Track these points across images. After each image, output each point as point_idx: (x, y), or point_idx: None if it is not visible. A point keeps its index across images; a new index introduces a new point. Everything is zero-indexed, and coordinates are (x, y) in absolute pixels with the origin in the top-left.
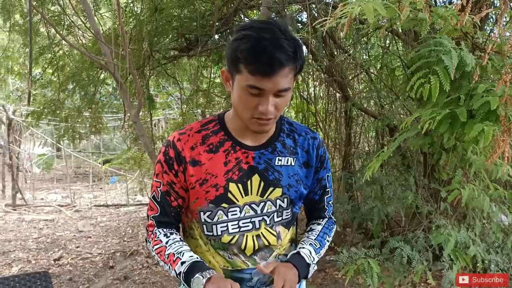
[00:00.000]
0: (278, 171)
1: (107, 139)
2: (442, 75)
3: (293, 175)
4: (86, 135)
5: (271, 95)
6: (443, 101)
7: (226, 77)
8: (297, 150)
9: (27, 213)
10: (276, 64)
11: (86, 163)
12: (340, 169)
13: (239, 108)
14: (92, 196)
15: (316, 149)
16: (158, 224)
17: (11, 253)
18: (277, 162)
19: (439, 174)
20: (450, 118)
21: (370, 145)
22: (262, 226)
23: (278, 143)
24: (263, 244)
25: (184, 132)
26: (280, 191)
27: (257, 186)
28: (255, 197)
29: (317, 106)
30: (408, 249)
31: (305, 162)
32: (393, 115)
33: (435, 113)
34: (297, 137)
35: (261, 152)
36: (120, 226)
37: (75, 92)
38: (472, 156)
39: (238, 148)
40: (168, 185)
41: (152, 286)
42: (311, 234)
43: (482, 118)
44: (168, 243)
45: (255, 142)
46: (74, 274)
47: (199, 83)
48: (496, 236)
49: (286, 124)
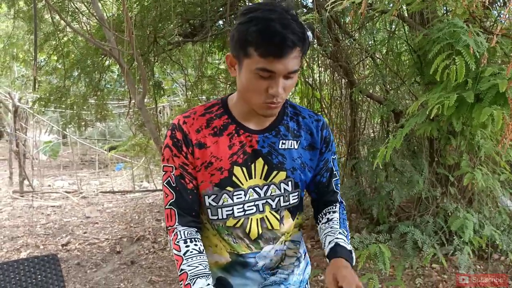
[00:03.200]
0: (282, 155)
1: (113, 126)
2: (466, 54)
3: (297, 158)
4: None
5: (281, 77)
6: (451, 85)
7: (231, 62)
8: (300, 133)
9: (35, 200)
10: (288, 45)
11: (92, 150)
12: (345, 155)
13: (248, 93)
14: (99, 183)
15: (320, 130)
16: (179, 218)
17: (20, 238)
18: (281, 146)
19: (445, 159)
20: (457, 102)
21: (375, 131)
22: (267, 210)
23: (281, 127)
24: (266, 227)
25: (189, 115)
26: (284, 174)
27: (260, 169)
28: (259, 181)
29: (322, 92)
30: (419, 234)
31: (309, 145)
32: (399, 101)
33: (443, 98)
34: (301, 119)
35: (265, 136)
36: (127, 212)
37: (80, 79)
38: (480, 140)
39: (242, 131)
40: (181, 168)
41: (159, 271)
42: (333, 223)
43: (490, 102)
44: (186, 255)
45: (258, 126)
46: (82, 259)
47: (204, 70)
48: (502, 218)
49: (290, 107)
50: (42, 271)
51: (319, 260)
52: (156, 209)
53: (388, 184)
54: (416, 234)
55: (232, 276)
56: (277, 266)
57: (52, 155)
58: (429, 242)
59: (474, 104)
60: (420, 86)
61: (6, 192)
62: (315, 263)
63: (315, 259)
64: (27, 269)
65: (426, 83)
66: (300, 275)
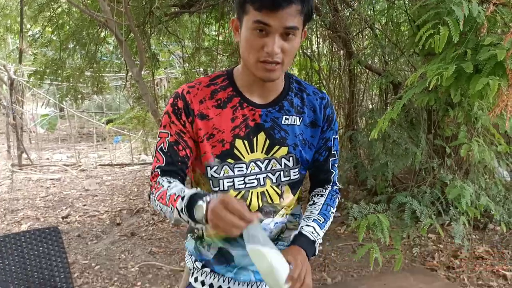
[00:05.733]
0: (285, 130)
1: (110, 98)
2: (452, 25)
3: (299, 134)
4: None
5: (277, 35)
6: (450, 56)
7: (236, 26)
8: (304, 109)
9: (34, 173)
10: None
11: (89, 123)
12: (343, 127)
13: (245, 52)
14: (97, 156)
15: (324, 108)
16: (162, 173)
17: (20, 211)
18: (284, 121)
19: (443, 131)
20: (455, 73)
21: (374, 102)
22: (268, 184)
23: (285, 102)
24: (266, 201)
25: (193, 85)
26: (285, 150)
27: (262, 143)
28: (260, 155)
29: (320, 64)
30: (416, 204)
31: (311, 122)
32: (398, 72)
33: (441, 69)
34: (305, 96)
35: (268, 110)
36: (126, 185)
37: (76, 51)
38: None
39: (245, 105)
40: (177, 135)
41: (159, 242)
42: (314, 208)
43: (488, 73)
44: (170, 187)
45: (262, 100)
46: (82, 231)
47: (201, 41)
48: (498, 189)
49: (295, 83)
50: (44, 243)
51: None
52: None
53: (385, 156)
54: (414, 205)
55: (232, 247)
56: (277, 238)
57: (50, 128)
58: (426, 213)
59: (473, 75)
60: (420, 57)
61: (4, 166)
62: None
63: None
64: (29, 241)
65: (425, 54)
66: None
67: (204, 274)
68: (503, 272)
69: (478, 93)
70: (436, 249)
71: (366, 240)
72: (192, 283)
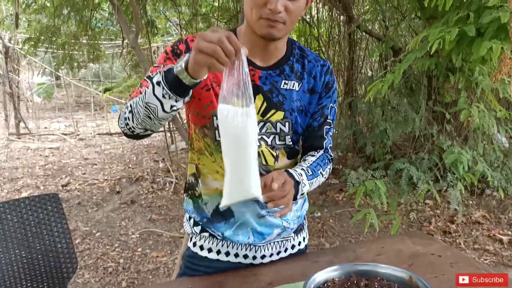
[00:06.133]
0: (283, 95)
1: (107, 67)
2: None
3: (296, 100)
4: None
5: None
6: (453, 19)
7: None
8: (304, 75)
9: (32, 142)
10: None
11: (86, 92)
12: (343, 94)
13: (248, 9)
14: (95, 125)
15: (324, 75)
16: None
17: (19, 179)
18: (283, 85)
19: (443, 97)
20: (458, 36)
21: (374, 69)
22: (263, 145)
23: (286, 66)
24: (261, 162)
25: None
26: (282, 114)
27: (259, 106)
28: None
29: (320, 30)
30: (414, 170)
31: (310, 89)
32: (398, 37)
33: (444, 32)
34: (306, 63)
35: (268, 73)
36: (124, 154)
37: (70, 18)
38: (478, 77)
39: None
40: None
41: (158, 209)
42: (304, 162)
43: (491, 36)
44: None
45: (263, 62)
46: (83, 199)
47: (198, 7)
48: (496, 155)
49: (297, 49)
50: (44, 209)
51: (315, 198)
52: (154, 150)
53: (384, 123)
54: (412, 171)
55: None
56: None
57: (46, 97)
58: (423, 178)
59: (475, 38)
60: (421, 21)
61: (2, 135)
62: (311, 201)
63: (311, 197)
64: (29, 207)
65: (427, 17)
66: (297, 211)
67: (203, 239)
68: (499, 236)
69: (480, 57)
70: (432, 214)
71: (363, 206)
72: (191, 248)
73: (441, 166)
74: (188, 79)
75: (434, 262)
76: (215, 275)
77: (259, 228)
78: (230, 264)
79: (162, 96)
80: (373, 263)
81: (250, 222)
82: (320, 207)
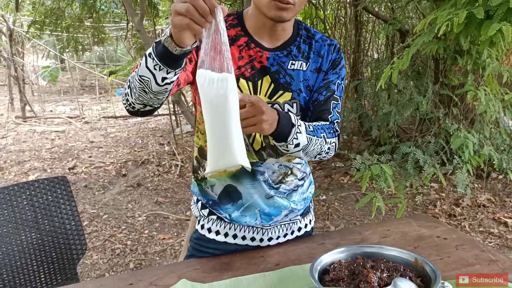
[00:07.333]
0: (290, 75)
1: (111, 50)
2: None
3: (303, 80)
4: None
5: None
6: (461, 1)
7: None
8: (310, 55)
9: (38, 125)
10: None
11: (91, 75)
12: (349, 77)
13: None
14: (100, 108)
15: (331, 53)
16: None
17: (26, 162)
18: (290, 66)
19: (450, 80)
20: (466, 19)
21: (380, 52)
22: None
23: (293, 47)
24: (268, 142)
25: None
26: (289, 95)
27: (266, 87)
28: (263, 98)
29: (326, 12)
30: (420, 153)
31: (317, 68)
32: (405, 20)
33: (452, 14)
34: (313, 43)
35: (276, 54)
36: (130, 137)
37: (75, 0)
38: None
39: (253, 45)
40: None
41: (164, 192)
42: (306, 123)
43: (500, 19)
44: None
45: (270, 43)
46: (89, 182)
47: None
48: (503, 138)
49: (304, 30)
50: (53, 192)
51: (320, 181)
52: (159, 134)
53: (390, 106)
54: (418, 154)
55: (240, 184)
56: (279, 181)
57: (51, 80)
58: (429, 162)
59: (484, 20)
60: (429, 2)
61: (8, 118)
62: (316, 184)
63: (316, 180)
64: (38, 190)
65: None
66: (303, 193)
67: (211, 222)
68: (504, 219)
69: (488, 40)
70: (438, 197)
71: (369, 190)
72: (199, 230)
73: (448, 149)
74: (173, 46)
75: (440, 244)
76: (223, 257)
77: (267, 209)
78: (238, 247)
79: (154, 68)
80: (379, 245)
81: (258, 204)
82: (325, 190)
